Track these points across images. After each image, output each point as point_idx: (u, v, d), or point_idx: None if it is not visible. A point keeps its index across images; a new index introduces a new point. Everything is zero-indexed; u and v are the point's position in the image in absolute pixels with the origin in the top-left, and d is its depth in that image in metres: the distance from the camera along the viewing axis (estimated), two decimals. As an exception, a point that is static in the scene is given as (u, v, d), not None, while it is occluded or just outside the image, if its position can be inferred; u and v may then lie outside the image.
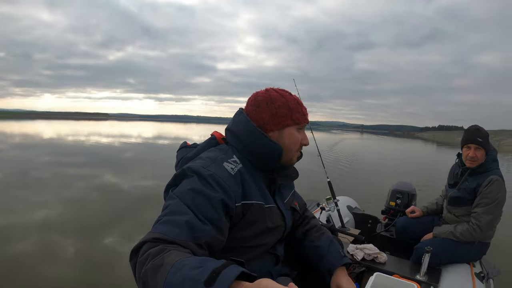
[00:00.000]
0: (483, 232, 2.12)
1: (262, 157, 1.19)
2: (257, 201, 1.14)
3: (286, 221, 1.30)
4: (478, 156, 2.21)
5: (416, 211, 2.66)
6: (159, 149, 17.38)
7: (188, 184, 1.02)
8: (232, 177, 1.08)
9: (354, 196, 4.23)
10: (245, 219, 1.11)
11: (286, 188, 1.39)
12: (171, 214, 0.94)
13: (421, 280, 1.90)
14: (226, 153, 1.16)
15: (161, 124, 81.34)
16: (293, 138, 1.22)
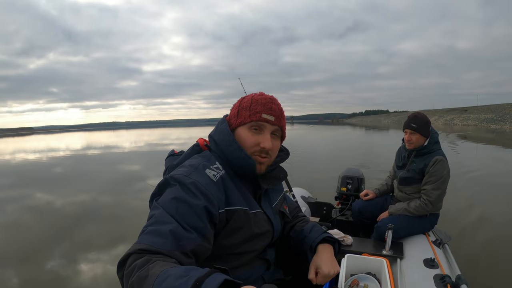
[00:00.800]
0: (434, 206, 2.49)
1: (240, 170, 1.22)
2: (241, 207, 1.17)
3: (274, 226, 1.32)
4: (413, 139, 2.57)
5: (370, 194, 3.00)
6: (89, 160, 16.94)
7: (171, 193, 1.05)
8: (214, 183, 1.12)
9: (303, 186, 4.48)
10: (229, 226, 1.14)
11: (274, 192, 1.43)
12: (155, 224, 0.98)
13: (388, 254, 2.17)
14: (209, 160, 1.20)
15: (89, 133, 77.27)
16: (242, 139, 1.22)
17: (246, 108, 1.22)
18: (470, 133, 27.27)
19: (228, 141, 1.21)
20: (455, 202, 5.13)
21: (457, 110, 67.46)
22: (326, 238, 1.42)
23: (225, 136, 1.22)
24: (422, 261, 2.05)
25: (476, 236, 4.07)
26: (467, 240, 3.91)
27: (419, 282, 1.86)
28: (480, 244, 3.79)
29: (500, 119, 40.57)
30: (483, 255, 3.51)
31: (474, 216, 4.83)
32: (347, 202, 3.47)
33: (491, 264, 3.30)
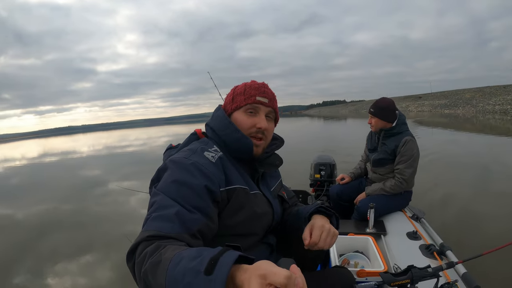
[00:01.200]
0: (408, 183, 2.68)
1: (237, 152, 1.26)
2: (240, 186, 1.19)
3: (273, 207, 1.34)
4: (372, 122, 2.79)
5: (346, 178, 3.17)
6: (47, 168, 16.29)
7: (171, 176, 1.07)
8: (213, 164, 1.14)
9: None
10: (231, 204, 1.15)
11: (272, 177, 1.45)
12: (159, 209, 0.98)
13: (372, 232, 2.31)
14: (207, 144, 1.24)
15: (45, 140, 73.40)
16: (239, 121, 1.27)
17: (241, 94, 1.28)
18: (425, 119, 28.57)
19: (224, 125, 1.26)
20: (421, 182, 5.45)
21: (412, 97, 70.14)
22: (320, 209, 1.33)
23: (221, 120, 1.27)
24: (405, 235, 2.20)
25: (444, 210, 4.45)
26: (437, 214, 4.26)
27: (406, 253, 2.01)
28: (449, 216, 4.18)
29: (453, 104, 42.41)
30: (454, 224, 3.88)
31: (439, 194, 5.23)
32: (322, 188, 3.60)
33: (463, 232, 3.65)
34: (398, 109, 2.79)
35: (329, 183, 3.58)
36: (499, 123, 20.21)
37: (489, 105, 33.94)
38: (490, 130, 16.43)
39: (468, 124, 21.18)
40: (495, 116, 26.56)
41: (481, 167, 7.17)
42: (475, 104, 37.06)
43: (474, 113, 32.17)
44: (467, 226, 3.85)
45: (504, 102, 32.74)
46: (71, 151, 25.17)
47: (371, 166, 2.93)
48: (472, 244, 3.22)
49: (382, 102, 2.75)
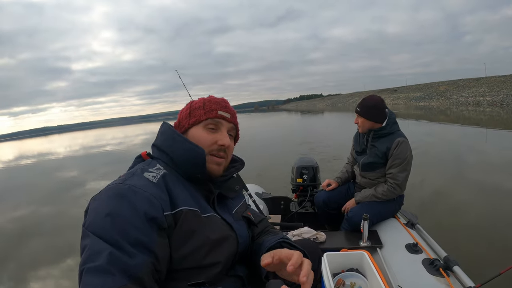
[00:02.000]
0: (402, 188, 2.47)
1: (187, 166, 1.09)
2: (189, 207, 1.01)
3: (236, 230, 1.14)
4: (359, 123, 2.57)
5: (332, 183, 2.90)
6: (23, 171, 16.01)
7: (102, 209, 0.88)
8: (153, 184, 0.97)
9: (253, 181, 4.38)
10: (177, 230, 0.96)
11: (234, 199, 1.28)
12: (92, 258, 0.79)
13: (367, 246, 2.11)
14: (149, 164, 1.07)
15: (19, 142, 72.53)
16: (197, 137, 1.13)
17: (200, 108, 1.17)
18: (401, 111, 28.97)
19: (171, 138, 1.12)
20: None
21: (387, 91, 71.20)
22: (284, 245, 1.14)
23: (168, 135, 1.14)
24: (404, 247, 2.01)
25: (437, 209, 4.32)
26: (429, 214, 4.11)
27: (408, 270, 1.82)
28: (443, 216, 4.03)
29: (428, 96, 43.57)
30: (447, 226, 3.72)
31: (428, 190, 5.11)
32: (305, 193, 3.36)
33: (458, 233, 3.51)
34: (387, 107, 2.58)
35: (312, 188, 3.34)
36: (472, 114, 20.82)
37: (463, 97, 35.09)
38: (464, 121, 16.86)
39: (443, 115, 21.66)
40: (468, 107, 27.34)
41: (459, 159, 7.24)
42: (449, 97, 38.26)
43: (448, 105, 33.18)
44: (460, 226, 3.72)
45: (476, 94, 33.93)
46: (47, 153, 24.80)
47: (360, 170, 2.71)
48: (475, 251, 3.05)
49: (369, 101, 2.53)
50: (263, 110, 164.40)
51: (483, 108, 25.16)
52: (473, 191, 4.93)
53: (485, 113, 20.86)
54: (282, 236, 1.17)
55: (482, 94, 33.06)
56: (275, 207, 3.46)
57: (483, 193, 4.80)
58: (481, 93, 33.60)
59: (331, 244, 2.18)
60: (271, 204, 3.47)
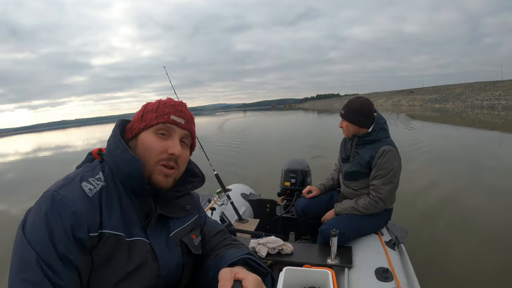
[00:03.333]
0: (386, 202, 2.18)
1: (127, 177, 0.97)
2: (114, 232, 0.90)
3: (159, 261, 0.98)
4: (343, 127, 2.31)
5: (314, 190, 2.62)
6: (41, 163, 16.35)
7: (37, 215, 0.83)
8: (88, 199, 0.88)
9: (249, 181, 4.18)
10: (98, 252, 0.87)
11: (180, 218, 1.11)
12: (23, 268, 0.77)
13: (333, 264, 1.85)
14: (92, 170, 0.97)
15: (38, 134, 74.57)
16: (146, 144, 1.00)
17: (152, 111, 1.04)
18: (417, 113, 28.55)
19: (115, 143, 0.99)
20: (410, 182, 5.04)
21: (404, 92, 70.35)
22: (250, 262, 1.00)
23: (113, 138, 1.01)
24: (373, 272, 1.73)
25: (435, 219, 3.95)
26: (426, 230, 3.72)
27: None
28: (438, 237, 3.59)
29: (443, 99, 42.83)
30: (442, 241, 3.36)
31: (430, 197, 4.76)
32: (291, 198, 3.16)
33: (451, 265, 3.02)
34: (376, 110, 2.29)
35: (299, 192, 3.10)
36: (487, 117, 20.31)
37: (478, 100, 34.49)
38: (479, 124, 16.30)
39: (458, 118, 21.21)
40: (483, 111, 26.88)
41: (474, 163, 6.80)
42: (465, 99, 37.66)
43: (463, 107, 32.75)
44: (459, 247, 3.24)
45: (492, 98, 33.31)
46: (65, 146, 25.25)
47: (343, 179, 2.44)
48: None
49: (355, 103, 2.26)
50: (280, 108, 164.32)
51: (497, 111, 24.60)
52: (485, 201, 4.49)
53: (500, 116, 20.31)
54: (247, 251, 1.04)
55: (497, 98, 32.38)
56: (261, 209, 3.25)
57: (496, 204, 4.35)
58: (496, 97, 32.92)
59: (297, 257, 1.94)
60: (257, 206, 3.25)
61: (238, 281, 0.82)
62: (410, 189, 4.88)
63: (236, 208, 2.58)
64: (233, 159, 9.47)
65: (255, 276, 0.85)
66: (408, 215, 3.81)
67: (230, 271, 0.84)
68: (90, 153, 1.07)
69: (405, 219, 2.70)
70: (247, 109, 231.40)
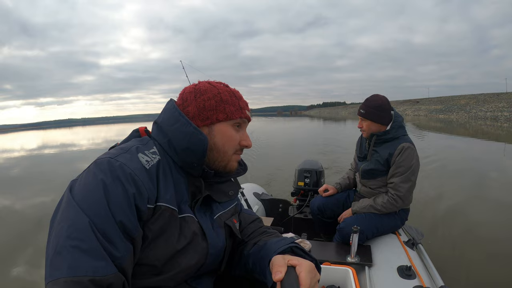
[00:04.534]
0: (404, 201, 2.12)
1: (185, 152, 0.96)
2: (169, 205, 0.88)
3: (208, 239, 0.99)
4: (364, 126, 2.25)
5: (330, 189, 2.55)
6: (46, 159, 16.11)
7: (93, 183, 0.78)
8: (145, 171, 0.85)
9: (257, 181, 4.13)
10: (151, 225, 0.85)
11: (222, 203, 1.12)
12: (77, 236, 0.70)
13: (354, 262, 1.80)
14: (146, 144, 0.95)
15: (44, 131, 74.55)
16: (227, 136, 1.02)
17: (229, 103, 1.03)
18: (422, 123, 28.33)
19: (174, 117, 0.97)
20: (422, 193, 4.94)
21: (410, 102, 70.26)
22: (296, 251, 0.98)
23: (171, 113, 0.99)
24: (395, 270, 1.68)
25: (446, 229, 3.82)
26: (441, 232, 3.67)
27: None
28: (451, 238, 3.53)
29: (448, 109, 42.73)
30: (457, 250, 3.24)
31: (440, 208, 4.61)
32: (305, 198, 3.09)
33: (469, 261, 3.00)
34: (394, 108, 2.25)
35: (313, 193, 3.04)
36: (490, 129, 20.12)
37: (481, 112, 34.39)
38: (483, 135, 16.11)
39: (462, 129, 20.92)
40: (486, 122, 26.76)
41: (480, 174, 6.64)
42: (469, 110, 37.57)
43: (467, 118, 32.58)
44: (474, 251, 3.18)
45: (495, 109, 33.23)
46: (71, 144, 25.14)
47: (360, 177, 2.38)
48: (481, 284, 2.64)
49: (375, 101, 2.19)
50: (286, 115, 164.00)
51: (500, 123, 24.45)
52: (494, 212, 4.38)
53: (503, 128, 20.09)
54: (292, 240, 1.01)
55: (500, 109, 32.32)
56: (272, 209, 3.19)
57: (505, 215, 4.25)
58: (500, 108, 32.86)
59: (315, 255, 1.88)
60: (269, 206, 3.19)
61: (292, 267, 0.81)
62: (419, 198, 4.82)
63: (250, 206, 2.53)
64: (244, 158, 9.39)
65: (309, 262, 0.85)
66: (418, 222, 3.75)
67: (282, 258, 0.84)
68: (136, 130, 1.07)
69: (416, 225, 2.67)
70: (253, 114, 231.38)
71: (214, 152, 1.00)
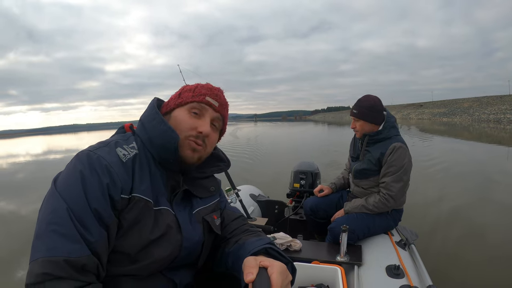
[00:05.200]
0: (396, 201, 2.09)
1: (162, 148, 0.98)
2: (143, 196, 0.91)
3: (183, 233, 0.99)
4: (357, 127, 2.23)
5: (325, 189, 2.53)
6: (52, 164, 16.13)
7: (71, 173, 0.84)
8: (121, 163, 0.90)
9: (258, 184, 4.10)
10: (125, 215, 0.88)
11: (203, 198, 1.12)
12: (56, 221, 0.76)
13: (343, 261, 1.77)
14: (126, 140, 0.98)
15: (49, 137, 74.89)
16: (179, 119, 1.02)
17: (190, 90, 1.07)
18: (425, 126, 28.19)
19: (151, 115, 1.02)
20: (417, 195, 4.87)
21: (413, 105, 70.10)
22: (271, 252, 0.96)
23: (150, 111, 1.04)
24: (384, 269, 1.65)
25: (446, 231, 3.75)
26: (439, 234, 3.60)
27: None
28: (450, 241, 3.46)
29: (451, 113, 42.57)
30: (453, 252, 3.17)
31: (441, 210, 4.53)
32: (301, 199, 3.06)
33: (463, 263, 2.94)
34: (386, 109, 2.23)
35: (309, 194, 3.01)
36: (493, 131, 19.92)
37: (484, 114, 34.27)
38: (486, 139, 15.89)
39: (466, 132, 20.72)
40: (489, 124, 26.58)
41: (482, 177, 6.49)
42: (472, 113, 37.39)
43: (470, 121, 32.49)
44: (468, 258, 3.06)
45: (498, 112, 33.11)
46: (76, 149, 24.91)
47: (353, 177, 2.36)
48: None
49: (368, 101, 2.18)
50: (290, 120, 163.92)
51: (503, 125, 24.28)
52: (498, 214, 4.28)
53: (506, 130, 19.90)
54: (268, 241, 1.00)
55: (503, 112, 32.16)
56: (269, 210, 3.16)
57: (508, 217, 4.15)
58: (503, 111, 32.70)
59: (306, 254, 1.86)
60: (265, 207, 3.17)
61: (264, 268, 0.80)
62: (420, 200, 4.76)
63: (244, 207, 2.51)
64: (242, 164, 9.40)
65: (280, 263, 0.83)
66: (417, 222, 3.70)
67: (254, 259, 0.83)
68: (122, 127, 1.09)
69: (414, 228, 2.60)
70: (258, 119, 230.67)
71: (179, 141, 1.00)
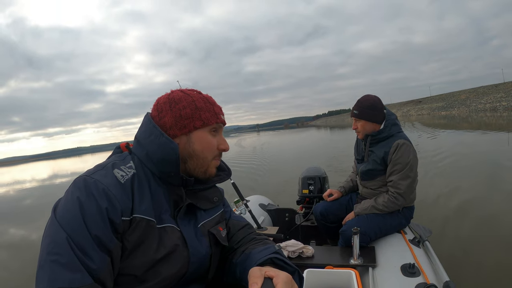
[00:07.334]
0: (406, 198, 2.04)
1: (161, 163, 0.95)
2: (145, 216, 0.88)
3: (189, 248, 0.96)
4: (358, 127, 2.20)
5: (334, 193, 2.49)
6: (58, 189, 15.92)
7: (67, 198, 0.82)
8: (120, 185, 0.86)
9: (267, 193, 4.05)
10: (128, 237, 0.85)
11: (207, 211, 1.10)
12: (56, 250, 0.73)
13: (357, 264, 1.72)
14: (123, 160, 0.96)
15: (54, 161, 74.75)
16: (205, 142, 1.01)
17: (204, 109, 1.02)
18: (425, 121, 27.94)
19: (149, 130, 0.98)
20: (427, 191, 4.77)
21: (412, 102, 70.05)
22: (277, 262, 0.94)
23: (145, 126, 1.00)
24: (399, 268, 1.59)
25: (459, 224, 3.62)
26: (452, 227, 3.48)
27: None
28: (464, 234, 3.33)
29: (449, 106, 42.55)
30: (468, 245, 3.05)
31: (453, 203, 4.39)
32: (311, 205, 2.99)
33: (479, 259, 2.77)
34: (386, 107, 2.20)
35: (318, 199, 2.94)
36: (491, 120, 19.81)
37: (481, 104, 34.27)
38: (486, 127, 15.73)
39: (465, 123, 20.50)
40: (486, 113, 26.49)
41: (490, 167, 6.23)
42: (469, 104, 37.35)
43: (468, 112, 32.42)
44: (483, 252, 2.90)
45: (494, 100, 33.14)
46: (80, 172, 24.90)
47: (360, 179, 2.31)
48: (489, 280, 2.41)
49: (367, 100, 2.15)
50: (293, 127, 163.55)
51: (499, 113, 24.18)
52: (507, 204, 4.06)
53: (503, 117, 19.77)
54: (273, 250, 0.97)
55: (498, 100, 32.15)
56: (279, 219, 3.10)
57: None
58: (498, 99, 32.70)
59: (319, 259, 1.81)
60: (275, 216, 3.11)
61: (269, 279, 0.78)
62: (431, 195, 4.66)
63: (254, 217, 2.46)
64: (250, 174, 9.32)
65: (286, 273, 0.81)
66: (430, 218, 3.61)
67: (259, 270, 0.81)
68: (118, 147, 1.06)
69: (426, 223, 2.49)
70: (260, 129, 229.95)
71: (194, 159, 1.00)
